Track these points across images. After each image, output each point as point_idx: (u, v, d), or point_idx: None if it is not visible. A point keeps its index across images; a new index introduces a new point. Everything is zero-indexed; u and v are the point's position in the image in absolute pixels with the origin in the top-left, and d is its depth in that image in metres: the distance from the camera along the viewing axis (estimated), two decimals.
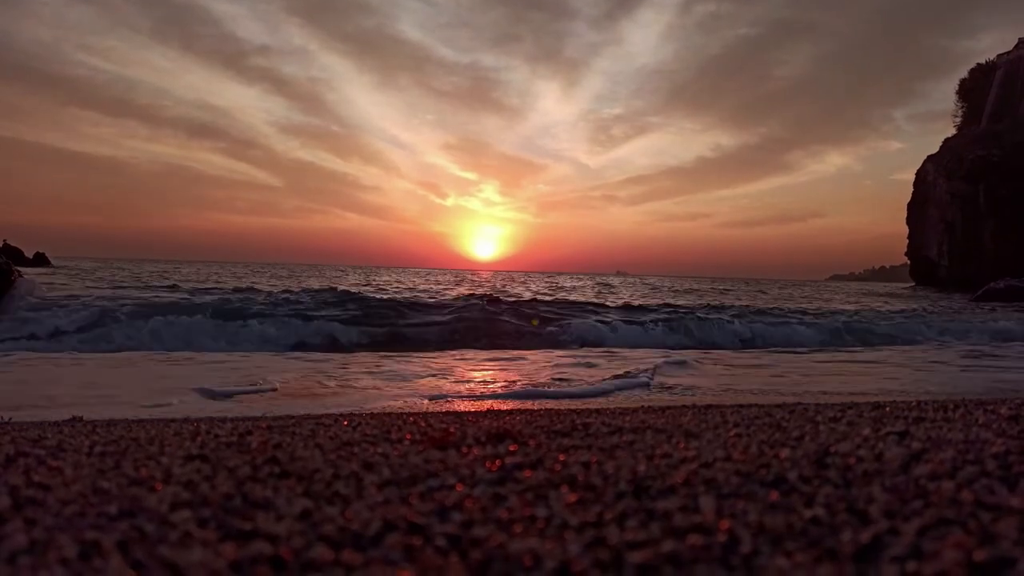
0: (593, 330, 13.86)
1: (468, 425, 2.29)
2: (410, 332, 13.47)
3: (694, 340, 13.60)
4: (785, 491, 1.24)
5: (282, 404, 5.57)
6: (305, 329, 12.46)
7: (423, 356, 9.84)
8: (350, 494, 1.28)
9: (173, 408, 5.17)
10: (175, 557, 0.92)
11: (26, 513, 1.15)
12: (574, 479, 1.36)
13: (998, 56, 70.03)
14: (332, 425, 2.55)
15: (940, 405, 2.71)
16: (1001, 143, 56.71)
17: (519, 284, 41.32)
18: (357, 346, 11.93)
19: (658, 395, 6.34)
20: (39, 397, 5.68)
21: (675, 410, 3.19)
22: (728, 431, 2.03)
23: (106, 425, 3.09)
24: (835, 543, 0.96)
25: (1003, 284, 33.28)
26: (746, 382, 7.32)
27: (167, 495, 1.27)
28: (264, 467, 1.52)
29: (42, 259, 50.99)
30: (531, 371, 8.27)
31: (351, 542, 1.00)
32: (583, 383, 7.09)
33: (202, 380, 6.71)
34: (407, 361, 9.04)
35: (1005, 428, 1.92)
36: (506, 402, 5.76)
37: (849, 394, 6.28)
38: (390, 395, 6.22)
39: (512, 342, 12.57)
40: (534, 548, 0.96)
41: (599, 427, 2.15)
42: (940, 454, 1.51)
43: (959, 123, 73.58)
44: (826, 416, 2.37)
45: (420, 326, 14.02)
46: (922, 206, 64.36)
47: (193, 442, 1.99)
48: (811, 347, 12.40)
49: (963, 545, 0.92)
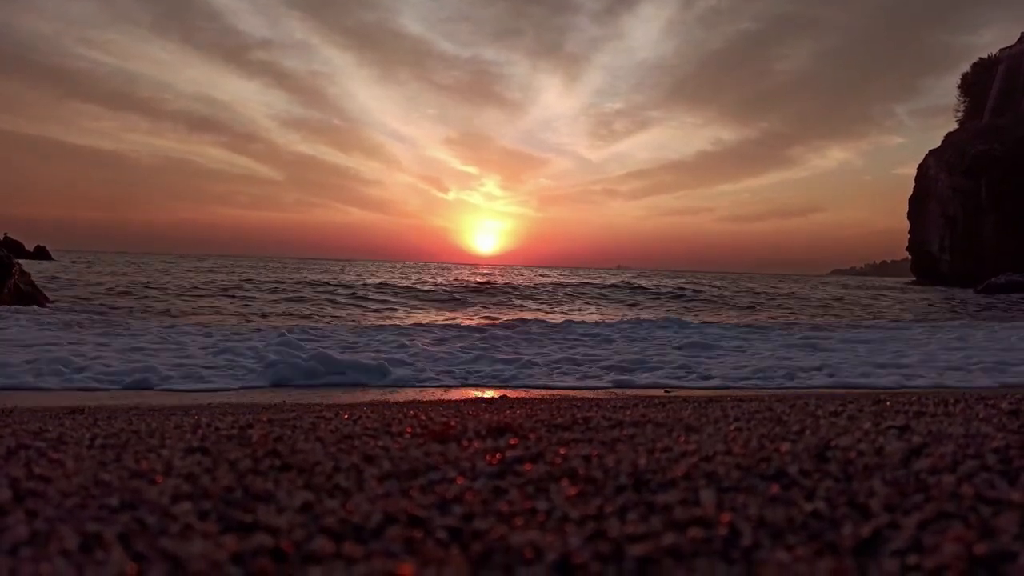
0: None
1: (468, 419, 2.29)
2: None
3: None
4: (786, 485, 1.24)
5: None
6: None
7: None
8: (351, 487, 1.28)
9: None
10: (176, 549, 0.92)
11: (27, 505, 1.15)
12: (575, 472, 1.36)
13: (1000, 51, 69.81)
14: (333, 418, 2.56)
15: (940, 399, 2.71)
16: (1003, 138, 56.57)
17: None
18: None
19: (655, 391, 6.34)
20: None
21: (676, 404, 3.19)
22: (728, 425, 2.03)
23: (107, 418, 3.09)
24: (836, 537, 0.96)
25: (1004, 279, 33.26)
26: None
27: (168, 487, 1.27)
28: (265, 460, 1.52)
29: (43, 252, 50.97)
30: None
31: (352, 535, 1.00)
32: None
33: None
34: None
35: (1005, 423, 1.92)
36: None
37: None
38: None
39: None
40: (535, 541, 0.96)
41: (600, 421, 2.15)
42: (940, 448, 1.51)
43: (961, 118, 73.40)
44: (826, 410, 2.37)
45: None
46: (923, 201, 64.27)
47: (194, 435, 1.99)
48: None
49: (963, 539, 0.92)
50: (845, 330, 14.84)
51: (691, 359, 9.21)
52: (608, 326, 14.23)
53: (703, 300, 26.95)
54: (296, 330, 12.12)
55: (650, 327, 13.83)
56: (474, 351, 9.56)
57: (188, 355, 8.59)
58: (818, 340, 12.11)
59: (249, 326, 13.54)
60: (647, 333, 12.86)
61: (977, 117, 67.42)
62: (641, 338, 12.11)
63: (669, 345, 11.02)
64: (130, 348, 8.95)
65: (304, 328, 12.77)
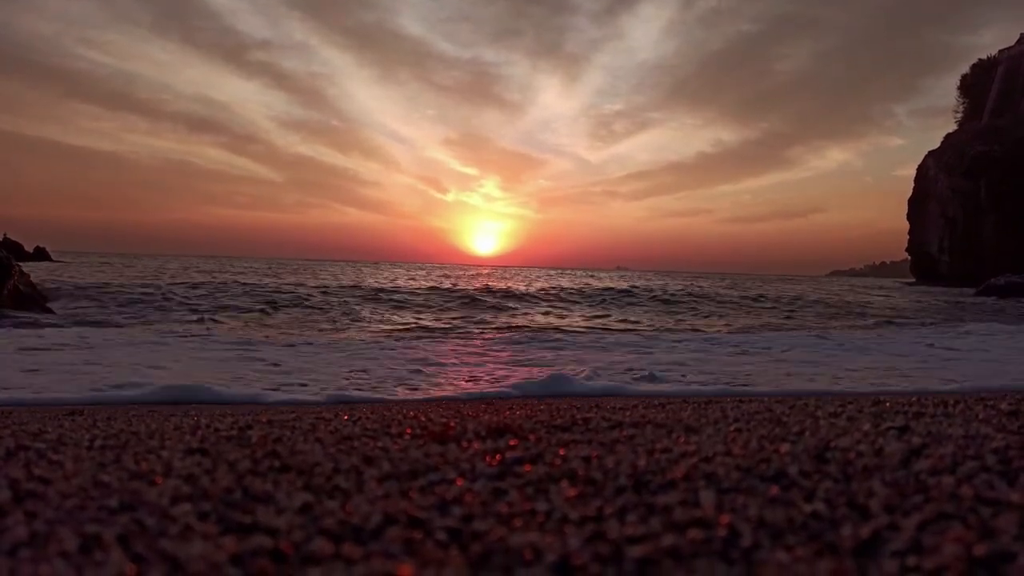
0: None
1: (468, 420, 2.29)
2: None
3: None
4: (785, 486, 1.24)
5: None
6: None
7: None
8: (350, 488, 1.28)
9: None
10: (175, 550, 0.92)
11: (27, 506, 1.15)
12: (574, 473, 1.36)
13: (1000, 52, 69.86)
14: (332, 419, 2.55)
15: (940, 400, 2.71)
16: (1002, 139, 56.61)
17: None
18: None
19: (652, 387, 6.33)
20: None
21: (675, 405, 3.18)
22: (728, 426, 2.03)
23: (106, 419, 3.09)
24: (835, 537, 0.96)
25: (1003, 280, 33.28)
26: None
27: (168, 489, 1.27)
28: (264, 461, 1.52)
29: (42, 253, 50.94)
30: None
31: (351, 536, 1.00)
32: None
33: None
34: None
35: (1005, 423, 1.92)
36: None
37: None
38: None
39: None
40: (534, 542, 0.96)
41: (599, 422, 2.15)
42: (940, 449, 1.51)
43: (960, 119, 73.45)
44: (826, 411, 2.37)
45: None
46: (923, 202, 64.30)
47: (193, 436, 1.99)
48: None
49: (963, 540, 0.92)
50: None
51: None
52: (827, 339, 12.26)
53: (779, 304, 23.94)
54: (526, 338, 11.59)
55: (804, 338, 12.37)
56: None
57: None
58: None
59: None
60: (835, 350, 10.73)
61: (976, 118, 67.46)
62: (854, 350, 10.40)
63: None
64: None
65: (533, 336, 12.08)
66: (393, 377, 7.07)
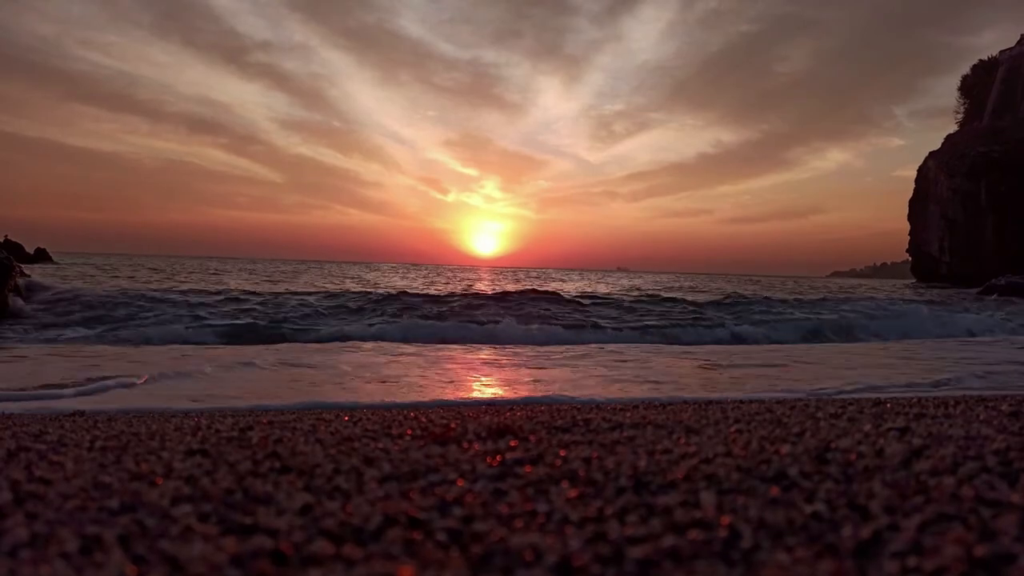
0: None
1: (468, 421, 2.29)
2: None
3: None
4: (786, 487, 1.24)
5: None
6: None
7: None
8: (351, 489, 1.28)
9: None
10: (176, 551, 0.92)
11: (27, 507, 1.15)
12: (575, 474, 1.36)
13: (1000, 52, 69.84)
14: (333, 420, 2.56)
15: (941, 401, 2.71)
16: (1003, 140, 56.59)
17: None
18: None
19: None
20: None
21: (675, 406, 3.19)
22: (728, 427, 2.03)
23: (107, 420, 3.09)
24: (836, 539, 0.96)
25: (1004, 281, 33.27)
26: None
27: (168, 490, 1.27)
28: (265, 462, 1.52)
29: (43, 255, 50.96)
30: None
31: (352, 537, 1.00)
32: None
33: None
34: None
35: (1006, 424, 1.92)
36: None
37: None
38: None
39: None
40: (535, 543, 0.96)
41: (600, 423, 2.15)
42: (941, 450, 1.51)
43: (961, 119, 73.43)
44: (827, 412, 2.37)
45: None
46: (923, 203, 64.27)
47: (194, 437, 1.99)
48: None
49: (964, 541, 0.92)
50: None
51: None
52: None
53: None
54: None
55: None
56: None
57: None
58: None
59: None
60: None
61: (977, 119, 67.44)
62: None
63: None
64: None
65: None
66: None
